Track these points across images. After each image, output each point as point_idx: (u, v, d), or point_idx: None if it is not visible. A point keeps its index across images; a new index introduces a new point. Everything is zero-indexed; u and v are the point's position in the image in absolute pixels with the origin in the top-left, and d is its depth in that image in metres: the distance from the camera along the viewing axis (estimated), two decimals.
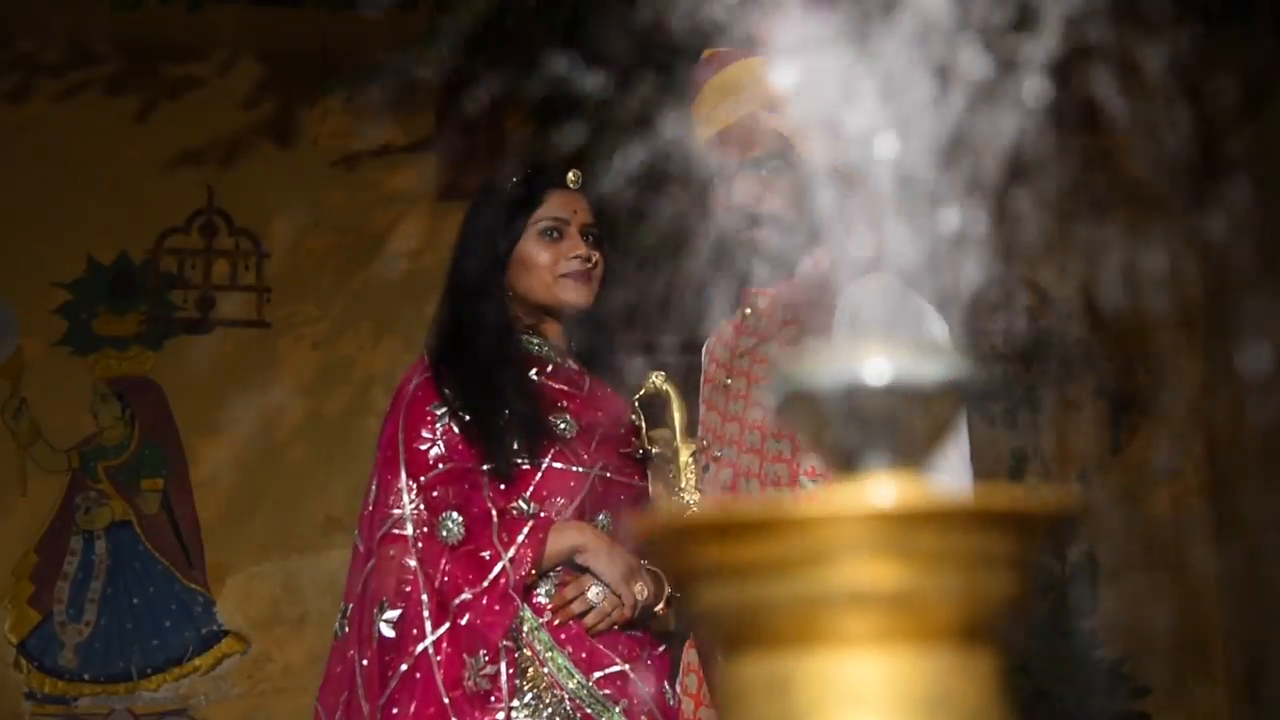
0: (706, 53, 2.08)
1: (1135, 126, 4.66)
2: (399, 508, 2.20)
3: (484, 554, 2.17)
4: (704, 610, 0.55)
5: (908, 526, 0.52)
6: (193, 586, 4.22)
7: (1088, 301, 4.67)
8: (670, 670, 2.28)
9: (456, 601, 2.14)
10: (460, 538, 2.19)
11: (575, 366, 2.38)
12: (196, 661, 4.18)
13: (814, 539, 0.52)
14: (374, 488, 2.26)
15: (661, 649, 2.31)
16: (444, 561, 2.16)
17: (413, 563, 2.16)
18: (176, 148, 4.29)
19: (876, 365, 0.54)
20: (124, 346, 4.30)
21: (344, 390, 4.33)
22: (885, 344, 0.55)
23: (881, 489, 0.55)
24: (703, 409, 2.18)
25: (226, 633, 4.21)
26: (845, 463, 0.56)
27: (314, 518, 4.23)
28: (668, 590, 2.25)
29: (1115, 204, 4.69)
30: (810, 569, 0.52)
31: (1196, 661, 4.50)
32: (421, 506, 2.20)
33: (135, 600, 4.18)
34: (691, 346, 2.35)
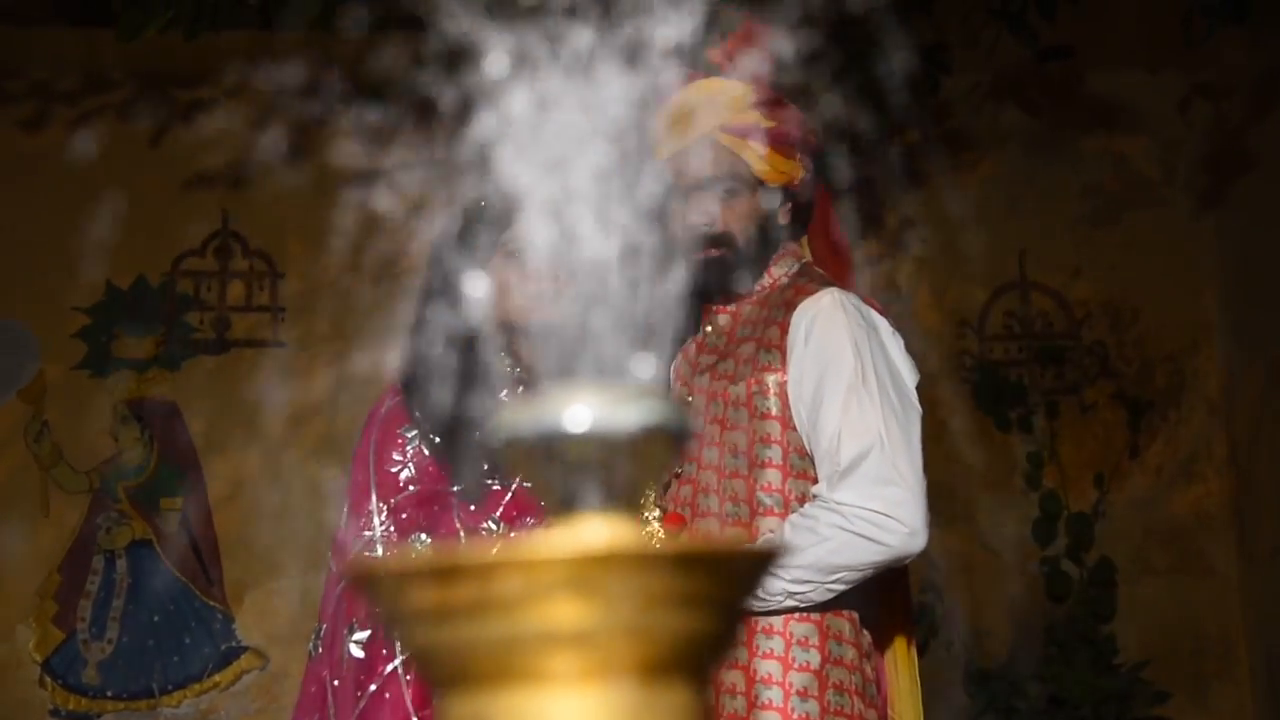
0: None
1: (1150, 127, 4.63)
2: (370, 529, 2.23)
3: None
4: (414, 651, 0.57)
5: (595, 569, 0.54)
6: (212, 604, 4.28)
7: (1104, 304, 4.63)
8: None
9: None
10: None
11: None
12: (216, 678, 4.24)
13: (511, 582, 0.54)
14: (346, 510, 2.29)
15: None
16: None
17: None
18: (190, 171, 4.36)
19: (577, 412, 0.56)
20: (142, 369, 4.38)
21: (359, 408, 4.36)
22: (590, 390, 0.57)
23: (580, 532, 0.56)
24: None
25: (245, 649, 4.27)
26: (557, 506, 0.58)
27: (331, 534, 4.26)
28: None
29: (1130, 205, 4.66)
30: (507, 611, 0.54)
31: (1218, 666, 4.46)
32: (392, 528, 2.22)
33: (156, 618, 4.24)
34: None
